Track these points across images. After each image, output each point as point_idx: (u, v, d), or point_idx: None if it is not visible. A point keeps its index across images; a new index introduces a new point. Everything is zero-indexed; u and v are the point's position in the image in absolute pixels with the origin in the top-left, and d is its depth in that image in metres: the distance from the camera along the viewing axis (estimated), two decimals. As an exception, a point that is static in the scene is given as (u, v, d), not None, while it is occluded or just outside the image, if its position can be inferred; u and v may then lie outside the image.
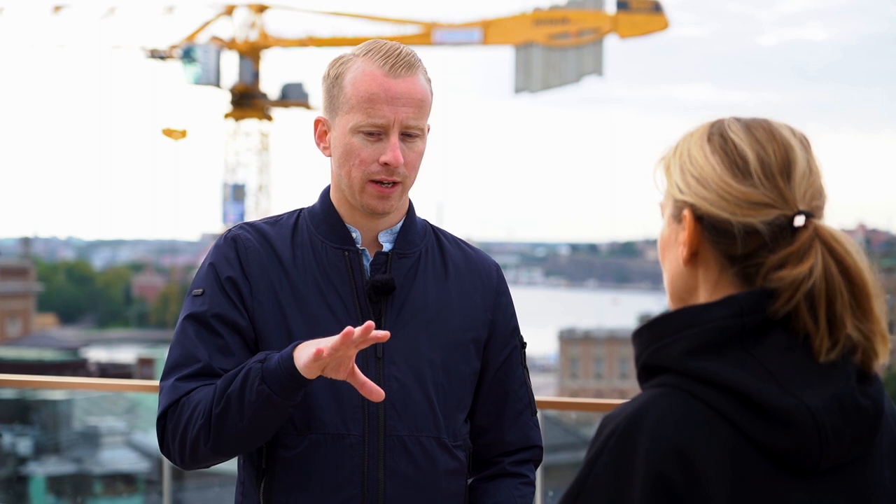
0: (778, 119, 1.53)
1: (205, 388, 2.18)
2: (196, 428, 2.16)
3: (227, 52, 62.43)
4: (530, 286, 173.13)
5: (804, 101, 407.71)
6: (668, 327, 1.46)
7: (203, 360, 2.21)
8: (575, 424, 16.01)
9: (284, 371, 2.07)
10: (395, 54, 2.25)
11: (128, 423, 19.98)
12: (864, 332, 1.45)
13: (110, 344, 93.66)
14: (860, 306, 1.44)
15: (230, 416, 2.13)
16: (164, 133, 64.68)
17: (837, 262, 1.43)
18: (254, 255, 2.28)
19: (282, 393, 2.09)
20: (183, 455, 2.21)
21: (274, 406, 2.10)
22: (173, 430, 2.21)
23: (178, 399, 2.20)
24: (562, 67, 62.10)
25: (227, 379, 2.15)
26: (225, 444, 2.17)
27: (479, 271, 2.39)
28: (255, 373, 2.10)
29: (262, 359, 2.12)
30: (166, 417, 2.22)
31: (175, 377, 2.22)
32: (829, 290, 1.43)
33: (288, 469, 2.24)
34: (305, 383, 2.08)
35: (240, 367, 2.15)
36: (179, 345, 2.24)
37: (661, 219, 1.56)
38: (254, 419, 2.12)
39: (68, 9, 63.75)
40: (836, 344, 1.43)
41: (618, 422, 1.42)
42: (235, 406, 2.12)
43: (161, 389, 2.24)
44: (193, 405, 2.18)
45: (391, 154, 2.22)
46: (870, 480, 1.47)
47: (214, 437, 2.16)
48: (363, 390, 2.07)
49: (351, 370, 2.05)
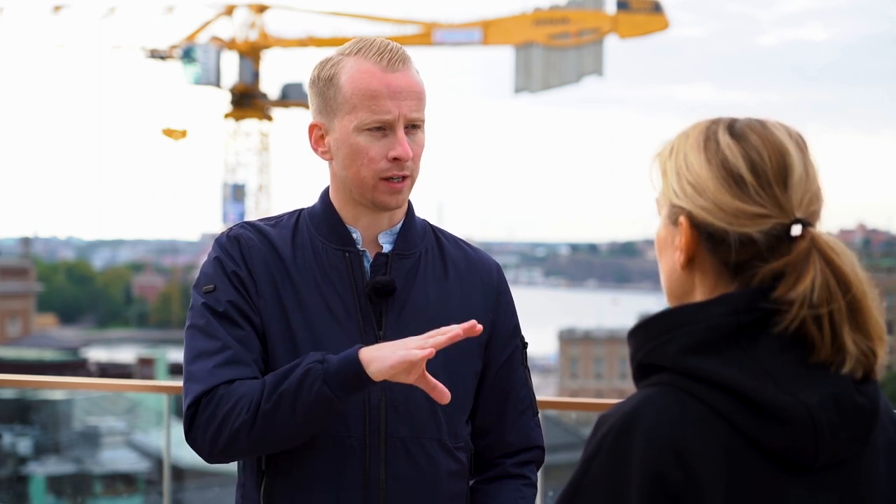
0: (777, 119, 1.52)
1: (248, 383, 2.16)
2: (239, 421, 2.13)
3: (227, 52, 62.41)
4: (530, 286, 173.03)
5: (804, 102, 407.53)
6: (664, 326, 1.46)
7: (233, 347, 2.19)
8: (575, 424, 15.99)
9: (350, 373, 2.08)
10: (388, 49, 2.24)
11: (128, 423, 19.96)
12: (863, 341, 1.45)
13: (110, 344, 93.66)
14: (858, 316, 1.44)
15: (281, 413, 2.12)
16: (164, 133, 64.66)
17: (835, 274, 1.44)
18: (256, 254, 2.28)
19: (342, 395, 2.10)
20: (214, 445, 2.17)
21: (331, 407, 2.11)
22: (207, 420, 2.17)
23: (213, 387, 2.17)
24: (562, 67, 62.08)
25: (278, 376, 2.14)
26: (269, 439, 2.15)
27: (479, 271, 2.39)
28: (315, 373, 2.10)
29: (321, 359, 2.12)
30: (199, 405, 2.18)
31: (209, 364, 2.18)
32: (828, 303, 1.43)
33: (289, 470, 2.24)
34: (369, 385, 2.10)
35: (291, 366, 2.14)
36: (202, 333, 2.21)
37: (657, 215, 1.56)
38: (307, 418, 2.12)
39: (68, 9, 63.73)
40: (838, 353, 1.43)
41: (614, 420, 1.42)
42: (288, 404, 2.11)
43: (190, 375, 2.20)
44: (236, 398, 2.15)
45: (401, 148, 2.22)
46: (865, 478, 1.48)
47: (259, 432, 2.13)
48: (433, 393, 2.09)
49: (423, 374, 2.07)
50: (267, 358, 2.24)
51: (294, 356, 2.21)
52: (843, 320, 1.43)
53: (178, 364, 9.22)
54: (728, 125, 1.51)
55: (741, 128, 1.50)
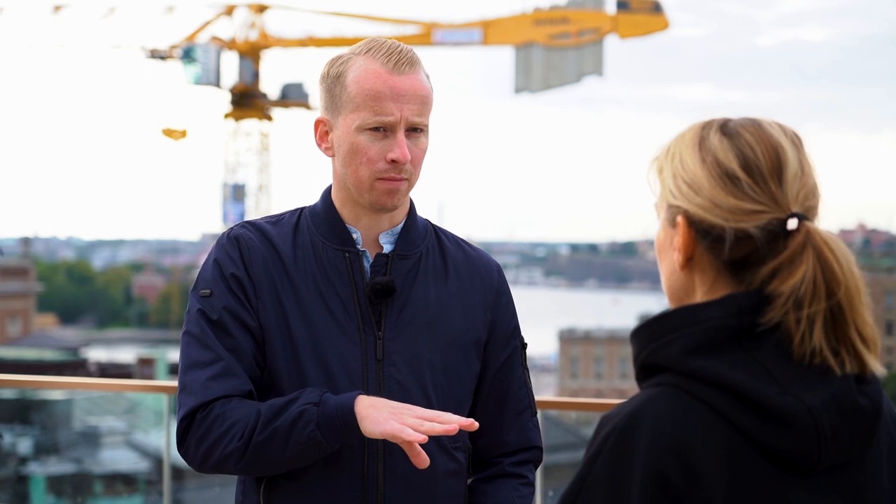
0: (774, 118, 1.53)
1: (243, 406, 2.18)
2: (231, 447, 2.16)
3: (227, 52, 62.40)
4: (530, 286, 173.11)
5: (803, 101, 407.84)
6: (667, 326, 1.46)
7: (225, 358, 2.20)
8: (575, 424, 16.00)
9: (343, 423, 2.10)
10: (397, 51, 2.24)
11: (128, 423, 19.98)
12: (850, 338, 1.44)
13: (110, 344, 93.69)
14: (849, 314, 1.44)
15: (272, 447, 2.14)
16: (164, 133, 64.65)
17: (825, 270, 1.43)
18: (256, 255, 2.28)
19: (333, 441, 2.12)
20: (205, 462, 2.21)
21: (321, 449, 2.13)
22: (201, 438, 2.19)
23: (208, 402, 2.19)
24: (562, 67, 62.06)
25: (273, 409, 2.15)
26: (257, 467, 2.19)
27: (479, 271, 2.38)
28: (309, 416, 2.12)
29: (317, 402, 2.13)
30: (193, 419, 2.21)
31: (203, 376, 2.20)
32: (813, 297, 1.42)
33: (288, 470, 2.24)
34: (359, 435, 2.11)
35: (288, 399, 2.15)
36: (197, 342, 2.23)
37: (657, 220, 1.56)
38: (297, 455, 2.15)
39: (68, 9, 63.77)
40: (811, 348, 1.42)
41: (616, 421, 1.42)
42: (280, 440, 2.13)
43: (184, 386, 2.22)
44: (230, 423, 2.17)
45: (399, 151, 2.22)
46: (867, 479, 1.47)
47: (249, 461, 2.17)
48: (415, 460, 2.09)
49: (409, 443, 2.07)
50: (265, 360, 2.24)
51: (293, 356, 2.21)
52: (820, 319, 1.43)
53: (177, 364, 9.30)
54: (721, 125, 1.51)
55: (734, 127, 1.50)
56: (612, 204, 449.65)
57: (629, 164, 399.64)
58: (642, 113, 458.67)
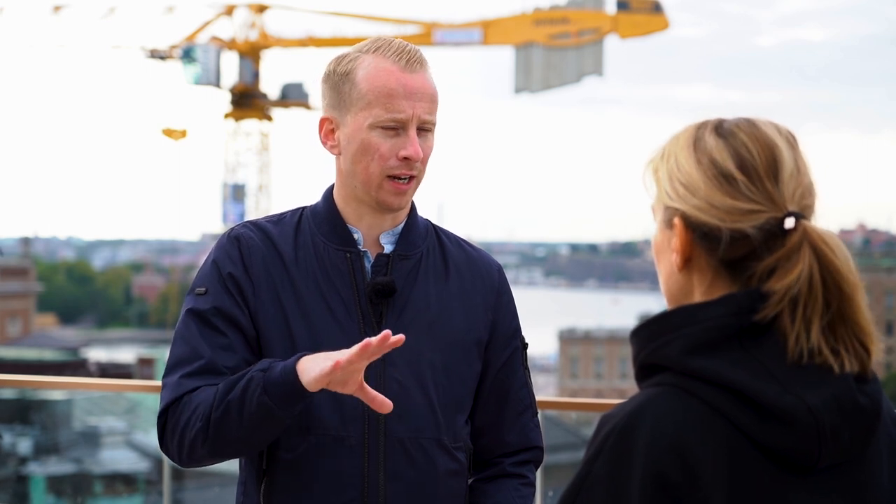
0: (775, 118, 1.53)
1: (207, 389, 2.18)
2: (195, 430, 2.16)
3: (227, 52, 62.43)
4: (530, 286, 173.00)
5: (803, 101, 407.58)
6: (666, 326, 1.46)
7: (206, 356, 2.21)
8: (575, 424, 16.03)
9: (288, 383, 2.06)
10: (406, 50, 2.25)
11: (128, 423, 20.00)
12: (850, 337, 1.44)
13: (110, 344, 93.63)
14: (847, 313, 1.44)
15: (229, 422, 2.13)
16: (164, 133, 64.69)
17: (823, 268, 1.44)
18: (256, 255, 2.28)
19: (282, 405, 2.08)
20: (181, 454, 2.22)
21: (273, 417, 2.09)
22: (172, 429, 2.21)
23: (179, 396, 2.20)
24: (562, 67, 62.07)
25: (228, 383, 2.14)
26: (222, 448, 2.18)
27: (480, 272, 2.39)
28: (256, 382, 2.09)
29: (266, 368, 2.11)
30: (167, 415, 2.22)
31: (179, 374, 2.21)
32: (809, 295, 1.43)
33: (288, 471, 2.24)
34: (307, 396, 2.08)
35: (242, 373, 2.14)
36: (182, 341, 2.24)
37: (654, 221, 1.56)
38: (252, 427, 2.12)
39: (68, 9, 63.73)
40: (808, 347, 1.43)
41: (616, 421, 1.42)
42: (235, 413, 2.12)
43: (164, 386, 2.24)
44: (194, 406, 2.17)
45: (412, 148, 2.22)
46: (867, 479, 1.47)
47: (212, 441, 2.16)
48: (373, 404, 2.06)
49: (360, 384, 2.04)
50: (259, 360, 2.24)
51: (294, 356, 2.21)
52: (818, 317, 1.43)
53: (178, 364, 9.28)
54: (716, 125, 1.51)
55: (729, 127, 1.50)
56: (612, 204, 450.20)
57: (629, 165, 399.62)
58: (642, 113, 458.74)
